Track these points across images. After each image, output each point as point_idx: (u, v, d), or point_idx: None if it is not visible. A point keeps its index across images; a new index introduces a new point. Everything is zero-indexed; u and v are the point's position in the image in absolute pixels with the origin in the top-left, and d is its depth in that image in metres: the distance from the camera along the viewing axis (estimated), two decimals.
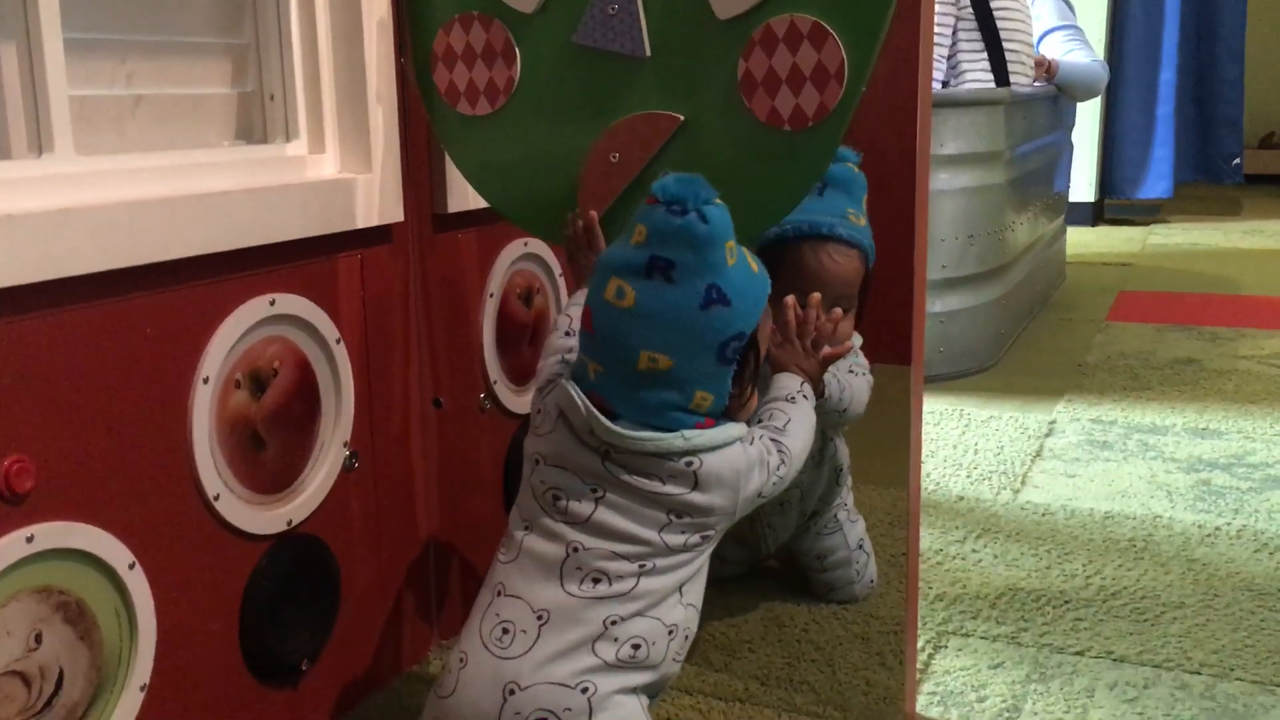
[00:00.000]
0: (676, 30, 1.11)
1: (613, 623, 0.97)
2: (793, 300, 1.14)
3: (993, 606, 1.51)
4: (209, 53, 1.19)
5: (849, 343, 1.25)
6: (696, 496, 0.99)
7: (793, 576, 1.54)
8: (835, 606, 1.48)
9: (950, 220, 2.55)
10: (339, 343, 1.21)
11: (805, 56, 1.04)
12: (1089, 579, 1.59)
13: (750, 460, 1.02)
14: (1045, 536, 1.74)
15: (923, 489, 1.90)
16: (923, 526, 1.76)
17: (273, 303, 1.12)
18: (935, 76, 2.91)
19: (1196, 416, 2.32)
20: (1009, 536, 1.74)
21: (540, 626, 0.97)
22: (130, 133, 1.11)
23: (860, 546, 1.50)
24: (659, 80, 1.12)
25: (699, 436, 0.98)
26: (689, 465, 0.98)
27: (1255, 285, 3.72)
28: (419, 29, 1.24)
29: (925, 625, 1.45)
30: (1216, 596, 1.53)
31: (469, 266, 1.40)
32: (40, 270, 0.89)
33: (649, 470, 0.98)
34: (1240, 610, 1.49)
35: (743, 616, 1.46)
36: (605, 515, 0.99)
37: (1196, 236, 4.84)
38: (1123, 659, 1.37)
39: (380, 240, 1.27)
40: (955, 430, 2.26)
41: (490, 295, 1.43)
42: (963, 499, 1.90)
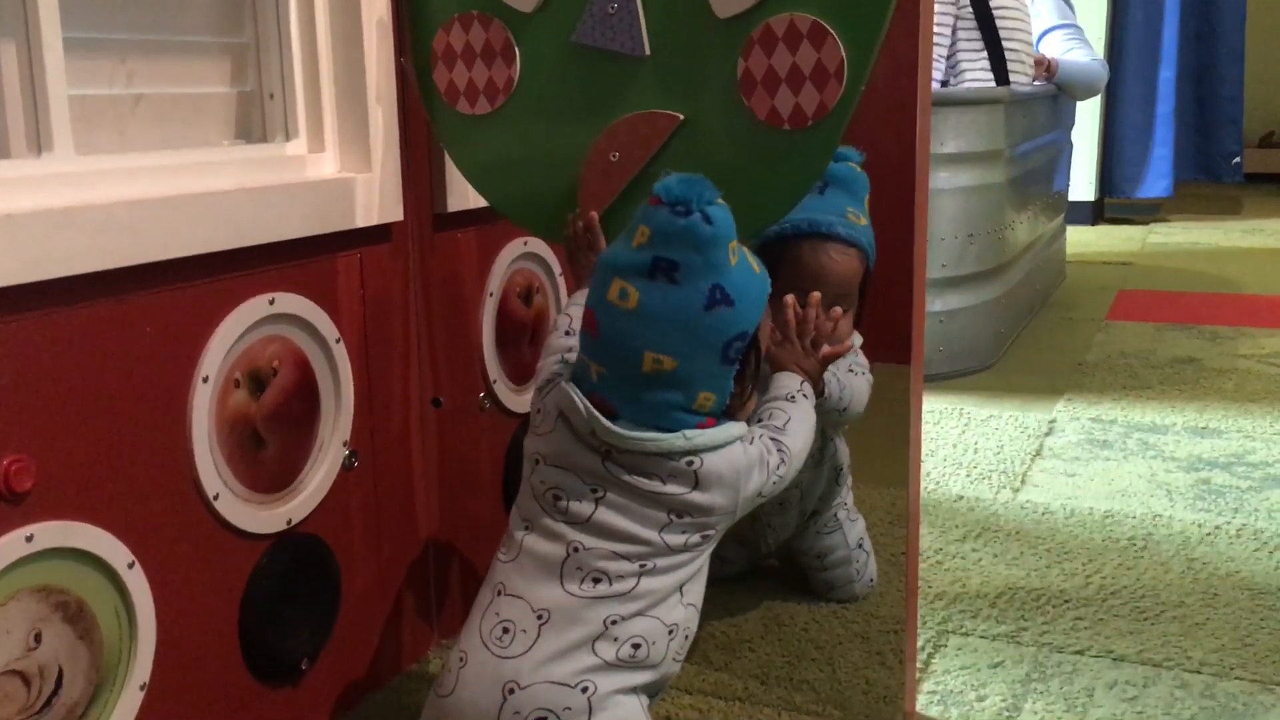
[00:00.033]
0: (676, 29, 1.11)
1: (613, 622, 0.97)
2: (792, 300, 1.14)
3: (992, 605, 1.51)
4: (209, 52, 1.19)
5: (848, 342, 1.25)
6: (697, 496, 0.99)
7: (792, 575, 1.54)
8: (835, 605, 1.48)
9: (950, 219, 2.55)
10: (338, 342, 1.21)
11: (805, 56, 1.04)
12: (1089, 578, 1.59)
13: (750, 459, 1.02)
14: (1045, 536, 1.74)
15: (922, 488, 1.90)
16: (922, 525, 1.76)
17: (272, 302, 1.12)
18: (934, 76, 2.90)
19: (1196, 415, 2.32)
20: (1009, 535, 1.74)
21: (540, 626, 0.97)
22: (130, 132, 1.11)
23: (860, 545, 1.50)
24: (658, 79, 1.12)
25: (700, 436, 0.98)
26: (690, 465, 0.98)
27: (1255, 284, 3.72)
28: (419, 28, 1.24)
29: (925, 624, 1.45)
30: (1216, 595, 1.53)
31: (469, 266, 1.40)
32: (40, 270, 0.89)
33: (649, 470, 0.98)
34: (1240, 609, 1.49)
35: (742, 615, 1.46)
36: (606, 515, 0.99)
37: (1196, 235, 4.83)
38: (1122, 658, 1.37)
39: (380, 239, 1.27)
40: (955, 429, 2.26)
41: (490, 294, 1.43)
42: (962, 498, 1.90)
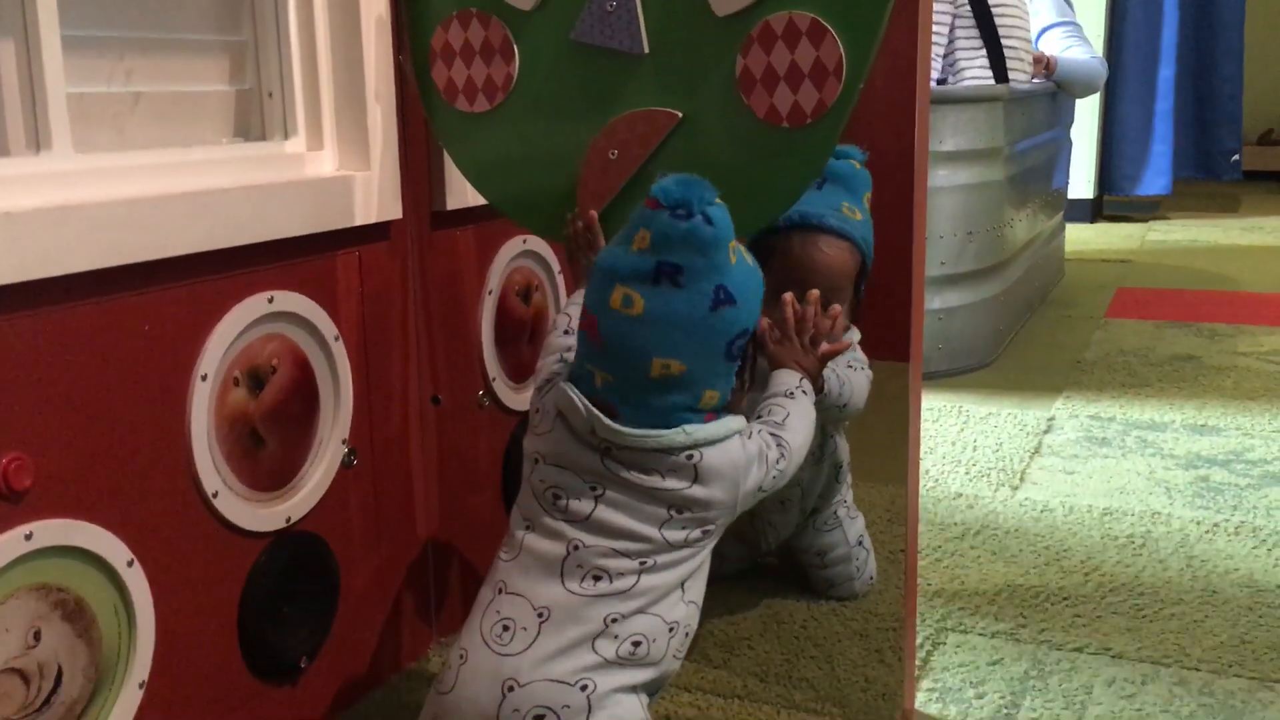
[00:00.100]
0: (675, 27, 1.11)
1: (613, 620, 0.97)
2: (791, 297, 1.14)
3: (991, 603, 1.51)
4: (207, 50, 1.18)
5: (846, 339, 1.24)
6: (697, 490, 0.99)
7: (792, 573, 1.54)
8: (834, 603, 1.48)
9: (949, 217, 2.55)
10: (337, 340, 1.21)
11: (804, 53, 1.04)
12: (1087, 575, 1.59)
13: (750, 454, 1.02)
14: (1044, 533, 1.74)
15: (921, 486, 1.90)
16: (921, 523, 1.76)
17: (271, 300, 1.12)
18: (932, 73, 2.90)
19: (1195, 413, 2.32)
20: (1007, 533, 1.74)
21: (541, 624, 0.97)
22: (129, 130, 1.10)
23: (860, 543, 1.50)
24: (657, 77, 1.12)
25: (700, 431, 0.98)
26: (689, 459, 0.98)
27: (1254, 282, 3.72)
28: (417, 26, 1.24)
29: (924, 622, 1.45)
30: (1215, 593, 1.53)
31: (467, 264, 1.40)
32: (38, 268, 0.89)
33: (649, 466, 0.98)
34: (1238, 606, 1.49)
35: (742, 613, 1.46)
36: (605, 513, 0.99)
37: (1195, 233, 4.83)
38: (1121, 655, 1.37)
39: (379, 237, 1.27)
40: (954, 427, 2.26)
41: (489, 292, 1.43)
42: (961, 496, 1.90)
